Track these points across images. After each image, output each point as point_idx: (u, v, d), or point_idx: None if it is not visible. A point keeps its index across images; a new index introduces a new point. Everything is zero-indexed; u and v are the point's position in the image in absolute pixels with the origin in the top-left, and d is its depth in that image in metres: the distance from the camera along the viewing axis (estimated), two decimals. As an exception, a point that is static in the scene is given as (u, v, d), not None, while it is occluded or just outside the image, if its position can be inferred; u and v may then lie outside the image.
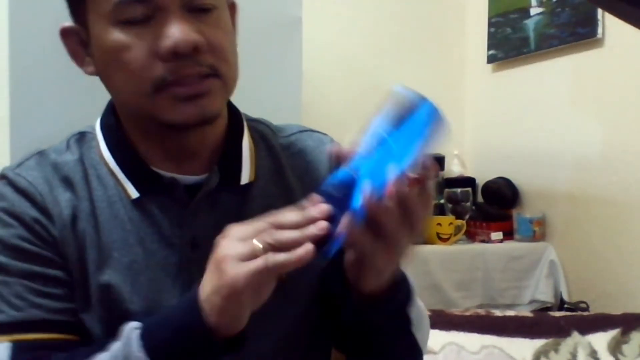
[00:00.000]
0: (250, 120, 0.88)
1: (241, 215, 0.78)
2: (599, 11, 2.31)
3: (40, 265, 0.74)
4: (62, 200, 0.76)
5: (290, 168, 0.85)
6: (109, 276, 0.75)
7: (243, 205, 0.80)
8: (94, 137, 0.81)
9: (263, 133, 0.87)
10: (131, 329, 0.66)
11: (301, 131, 0.89)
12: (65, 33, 0.78)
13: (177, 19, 0.70)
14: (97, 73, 0.77)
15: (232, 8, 0.82)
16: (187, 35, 0.69)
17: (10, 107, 1.41)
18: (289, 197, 0.82)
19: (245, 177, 0.81)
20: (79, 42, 0.77)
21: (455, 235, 2.43)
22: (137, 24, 0.70)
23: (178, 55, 0.70)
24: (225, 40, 0.75)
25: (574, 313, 2.02)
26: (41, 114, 1.41)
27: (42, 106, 1.42)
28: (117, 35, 0.71)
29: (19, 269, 0.74)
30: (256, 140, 0.85)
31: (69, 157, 0.79)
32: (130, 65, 0.71)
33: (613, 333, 1.70)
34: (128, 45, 0.71)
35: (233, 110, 0.84)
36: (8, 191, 0.77)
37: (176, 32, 0.69)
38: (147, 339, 0.65)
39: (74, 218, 0.76)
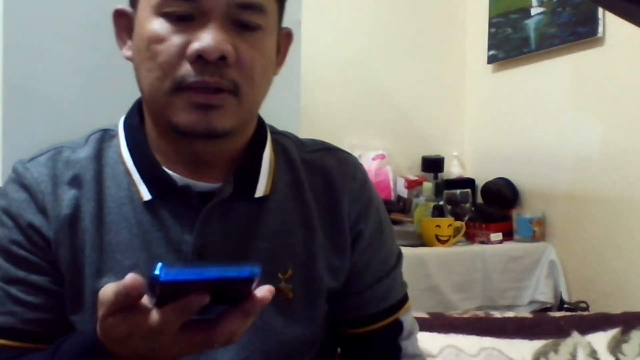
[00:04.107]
0: (275, 133, 0.87)
1: (253, 227, 0.78)
2: (600, 10, 2.31)
3: (25, 270, 0.75)
4: (64, 199, 0.76)
5: (308, 184, 0.83)
6: (108, 279, 0.74)
7: (256, 217, 0.79)
8: (116, 135, 0.81)
9: (285, 146, 0.86)
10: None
11: (325, 148, 0.88)
12: (117, 14, 0.80)
13: (215, 26, 0.70)
14: (132, 59, 0.77)
15: (288, 37, 0.83)
16: (218, 44, 0.69)
17: (3, 111, 1.41)
18: (304, 213, 0.81)
19: (260, 190, 0.80)
20: (126, 25, 0.78)
21: (454, 237, 2.42)
22: (178, 20, 0.71)
23: (202, 60, 0.70)
24: (258, 62, 0.73)
25: (573, 313, 2.01)
26: (35, 118, 1.41)
27: (36, 111, 1.41)
28: (157, 25, 0.72)
29: (4, 272, 0.75)
30: (277, 154, 0.84)
31: (83, 154, 0.79)
32: (158, 57, 0.71)
33: (613, 332, 1.69)
34: (163, 37, 0.71)
35: (259, 122, 0.84)
36: (11, 188, 0.77)
37: (208, 37, 0.70)
38: None
39: (75, 218, 0.76)
